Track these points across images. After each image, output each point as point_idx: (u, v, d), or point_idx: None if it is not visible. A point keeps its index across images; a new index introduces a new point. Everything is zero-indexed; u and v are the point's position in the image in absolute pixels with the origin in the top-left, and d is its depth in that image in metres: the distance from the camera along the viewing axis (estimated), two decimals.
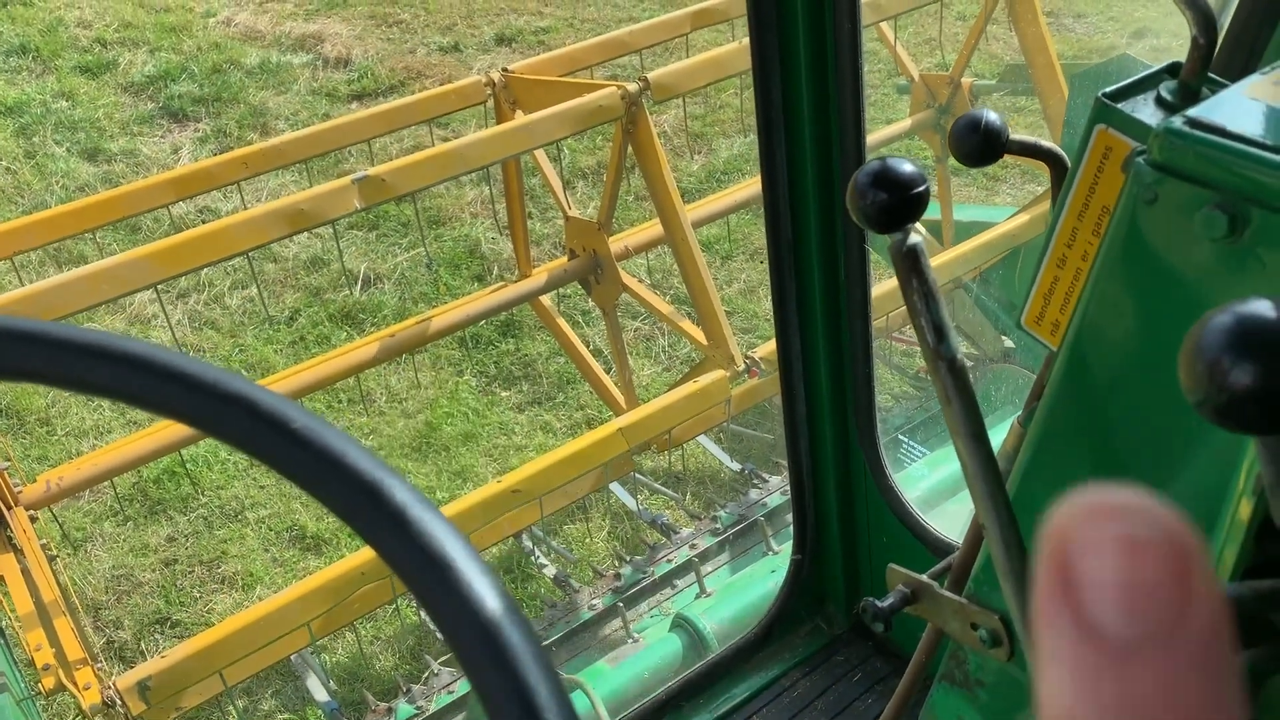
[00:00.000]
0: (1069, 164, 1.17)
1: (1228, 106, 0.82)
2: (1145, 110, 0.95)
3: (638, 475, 3.42)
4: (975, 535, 1.29)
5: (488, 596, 0.48)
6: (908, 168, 0.97)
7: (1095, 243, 1.02)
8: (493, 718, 0.45)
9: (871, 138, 3.33)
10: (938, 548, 1.87)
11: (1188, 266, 0.84)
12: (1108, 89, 0.97)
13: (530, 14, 7.10)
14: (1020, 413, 1.23)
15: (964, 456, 1.00)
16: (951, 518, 2.36)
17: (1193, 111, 0.83)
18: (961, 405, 0.99)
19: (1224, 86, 0.91)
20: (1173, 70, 0.98)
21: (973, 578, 1.21)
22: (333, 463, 0.51)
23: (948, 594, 1.22)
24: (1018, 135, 1.13)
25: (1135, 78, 0.98)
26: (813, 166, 1.71)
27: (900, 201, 0.95)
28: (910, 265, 0.96)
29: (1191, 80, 0.92)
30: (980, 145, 1.10)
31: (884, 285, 3.01)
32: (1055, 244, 1.06)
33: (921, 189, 0.96)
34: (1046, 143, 1.18)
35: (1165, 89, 0.95)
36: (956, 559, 1.30)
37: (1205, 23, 0.90)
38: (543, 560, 3.20)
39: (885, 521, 1.93)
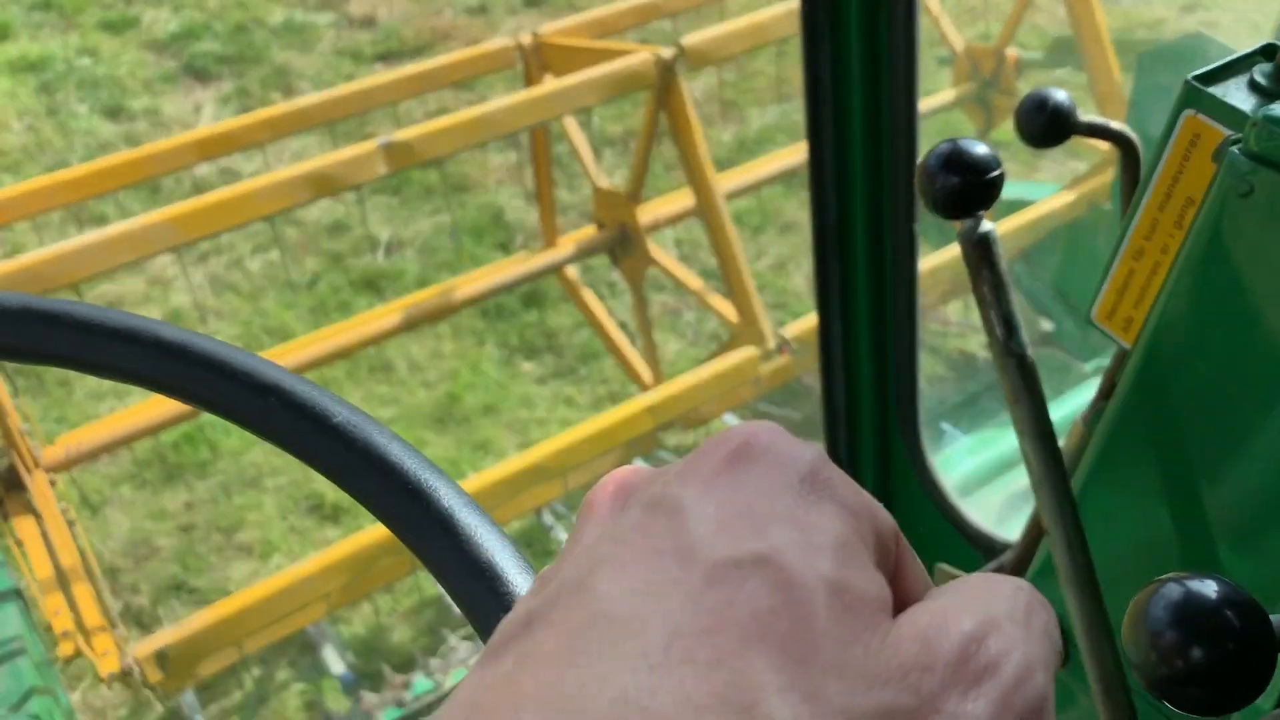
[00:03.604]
0: (1140, 148, 1.10)
1: None
2: (1238, 95, 0.87)
3: (662, 453, 3.37)
4: (1030, 536, 1.22)
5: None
6: (981, 150, 0.90)
7: (1177, 236, 0.95)
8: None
9: None
10: (978, 541, 1.81)
11: None
12: (1196, 72, 0.90)
13: None
14: (1085, 411, 1.16)
15: (1030, 458, 0.95)
16: (988, 506, 2.30)
17: None
18: (1030, 405, 0.94)
19: None
20: (1267, 52, 0.90)
21: (1027, 580, 1.15)
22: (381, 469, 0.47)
23: None
24: (1086, 116, 1.07)
25: (1226, 60, 0.91)
26: (861, 140, 1.64)
27: (973, 186, 0.89)
28: (981, 254, 0.90)
29: None
30: (1047, 125, 1.04)
31: (921, 263, 2.94)
32: (1132, 236, 0.99)
33: (996, 173, 0.90)
34: (1116, 124, 1.11)
35: (1260, 72, 0.87)
36: (1009, 560, 1.24)
37: None
38: (563, 536, 3.17)
39: (924, 513, 1.86)
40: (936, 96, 3.61)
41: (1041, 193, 3.44)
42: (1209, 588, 0.43)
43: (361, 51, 6.21)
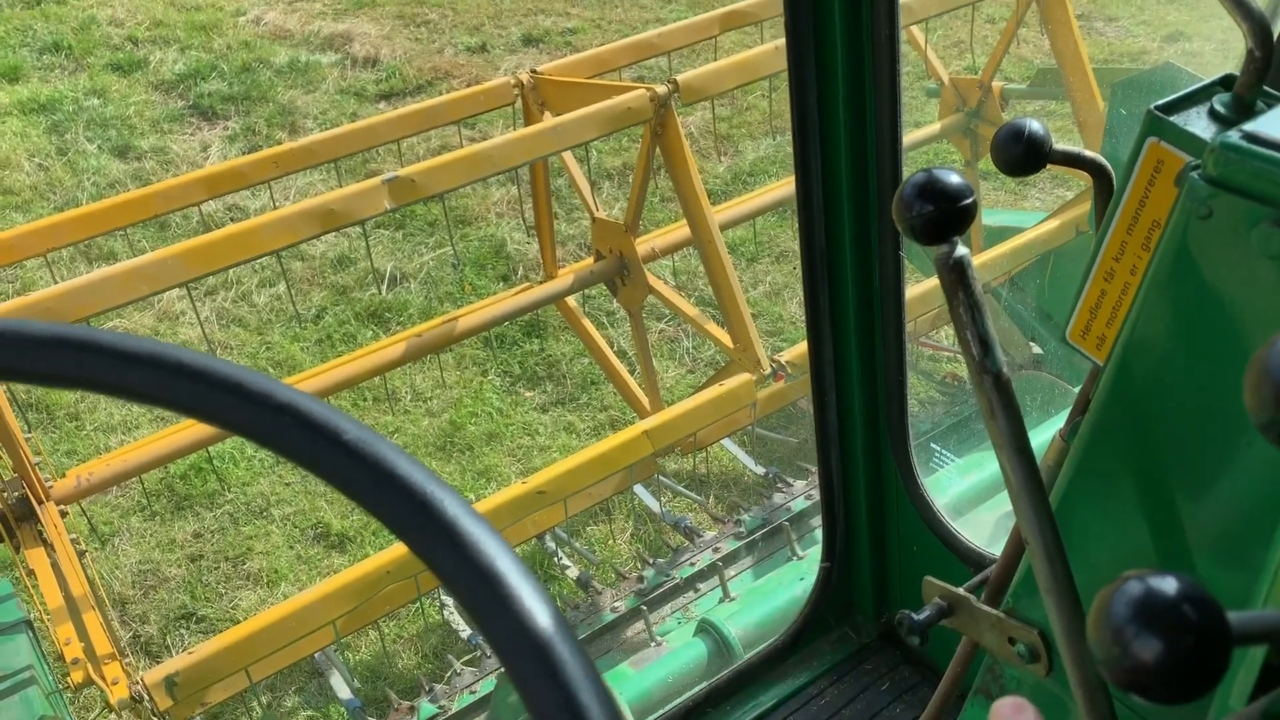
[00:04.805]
0: (1113, 174, 1.16)
1: None
2: (1198, 124, 0.93)
3: (661, 478, 3.41)
4: (1014, 548, 1.27)
5: (540, 614, 0.47)
6: (955, 179, 0.96)
7: (1145, 257, 1.00)
8: None
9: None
10: (969, 558, 1.85)
11: (1243, 283, 0.82)
12: (1159, 102, 0.96)
13: (558, 15, 7.10)
14: (1062, 425, 1.21)
15: (1008, 471, 0.99)
16: (981, 526, 2.34)
17: (1249, 125, 0.81)
18: (1006, 420, 0.98)
19: None
20: (1226, 83, 0.96)
21: (1011, 591, 1.19)
22: (387, 476, 0.51)
23: (985, 608, 1.21)
24: (1061, 145, 1.12)
25: (1187, 90, 0.97)
26: (848, 171, 1.69)
27: (947, 214, 0.94)
28: (957, 278, 0.95)
29: (1246, 93, 0.90)
30: (1023, 155, 1.09)
31: (913, 288, 3.00)
32: (1103, 258, 1.05)
33: (969, 201, 0.95)
34: (1090, 153, 1.16)
35: (1219, 102, 0.93)
36: (994, 572, 1.29)
37: (1261, 35, 0.89)
38: (566, 561, 3.19)
39: (916, 531, 1.91)
40: (924, 129, 3.69)
41: (1028, 220, 3.50)
42: (1168, 584, 0.47)
43: (365, 90, 6.31)
